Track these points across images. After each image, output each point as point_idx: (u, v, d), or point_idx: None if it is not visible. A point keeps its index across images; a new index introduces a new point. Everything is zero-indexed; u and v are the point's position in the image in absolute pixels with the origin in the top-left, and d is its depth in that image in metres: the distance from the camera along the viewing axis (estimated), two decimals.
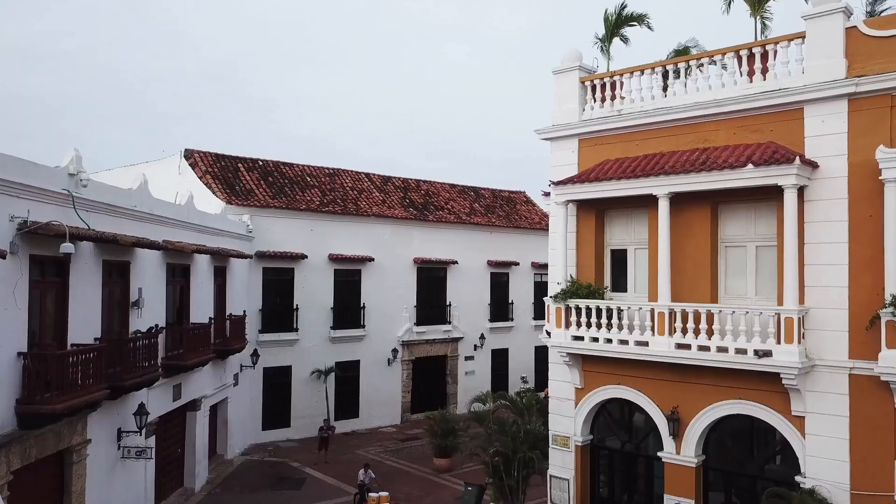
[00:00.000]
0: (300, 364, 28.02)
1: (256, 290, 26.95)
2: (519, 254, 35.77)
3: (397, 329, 31.10)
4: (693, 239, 14.22)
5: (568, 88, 16.26)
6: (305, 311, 28.18)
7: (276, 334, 27.36)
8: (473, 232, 34.21)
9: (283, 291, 27.80)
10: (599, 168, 15.25)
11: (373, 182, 33.57)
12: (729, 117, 13.78)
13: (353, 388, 29.75)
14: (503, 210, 37.32)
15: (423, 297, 32.07)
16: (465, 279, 33.55)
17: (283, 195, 28.89)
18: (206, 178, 27.64)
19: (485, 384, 34.02)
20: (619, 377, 14.96)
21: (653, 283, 14.60)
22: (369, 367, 30.16)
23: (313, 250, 28.40)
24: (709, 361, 13.10)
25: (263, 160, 30.69)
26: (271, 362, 27.23)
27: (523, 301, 35.99)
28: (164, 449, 18.84)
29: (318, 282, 28.59)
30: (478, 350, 34.01)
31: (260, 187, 28.71)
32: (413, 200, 33.66)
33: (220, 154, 29.49)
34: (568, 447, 15.88)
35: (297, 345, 28.00)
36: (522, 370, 35.54)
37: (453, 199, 35.80)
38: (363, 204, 31.11)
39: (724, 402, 13.41)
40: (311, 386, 28.23)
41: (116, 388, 14.32)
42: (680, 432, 13.97)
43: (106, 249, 14.79)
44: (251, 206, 27.11)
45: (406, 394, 31.43)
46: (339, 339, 29.07)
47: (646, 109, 14.86)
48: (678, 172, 13.52)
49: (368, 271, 30.17)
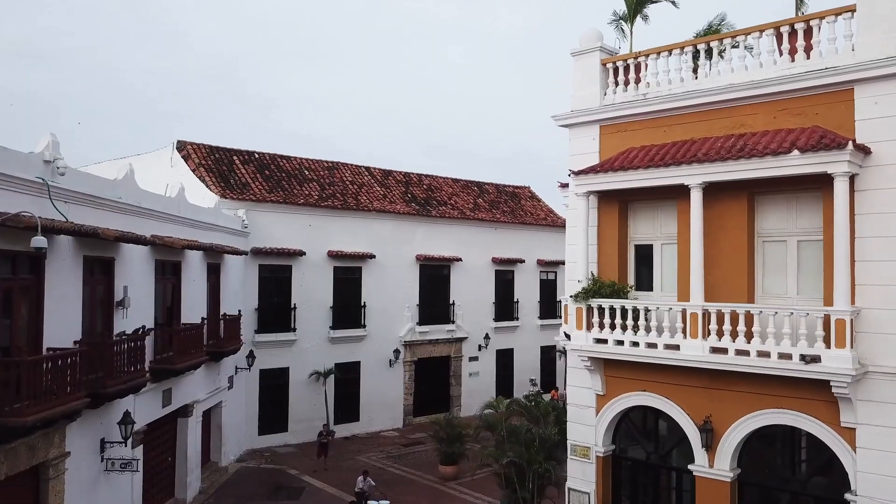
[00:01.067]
0: (298, 366, 26.82)
1: (252, 289, 25.74)
2: (524, 251, 34.60)
3: (399, 329, 29.90)
4: (727, 233, 13.04)
5: (588, 71, 15.05)
6: (304, 310, 26.96)
7: (273, 335, 26.14)
8: (477, 228, 33.02)
9: (280, 290, 26.59)
10: (624, 156, 14.06)
11: (373, 176, 32.35)
12: (768, 100, 12.59)
13: (353, 390, 28.55)
14: (507, 206, 36.13)
15: (426, 295, 30.89)
16: (469, 277, 32.38)
17: (280, 189, 27.66)
18: (199, 171, 26.41)
19: (489, 386, 32.94)
20: (645, 383, 13.78)
21: (682, 282, 13.45)
22: (370, 369, 28.97)
23: (312, 247, 27.19)
24: (748, 367, 11.92)
25: (259, 153, 29.47)
26: (268, 364, 26.02)
27: (529, 300, 34.82)
28: (153, 458, 17.63)
29: (317, 280, 27.39)
30: (482, 350, 32.84)
31: (256, 181, 27.48)
32: (415, 195, 32.45)
33: (215, 146, 28.25)
34: (588, 458, 14.70)
35: (294, 345, 26.79)
36: (528, 371, 34.42)
37: (456, 195, 34.60)
38: (364, 198, 29.89)
39: (764, 411, 12.22)
40: (310, 388, 27.03)
41: (98, 395, 13.11)
42: (713, 444, 12.79)
43: (87, 244, 13.58)
44: (246, 200, 25.88)
45: (408, 396, 30.25)
46: (338, 340, 27.86)
47: (674, 93, 13.66)
48: (713, 160, 12.33)
49: (369, 269, 28.96)
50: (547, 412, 16.75)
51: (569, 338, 14.59)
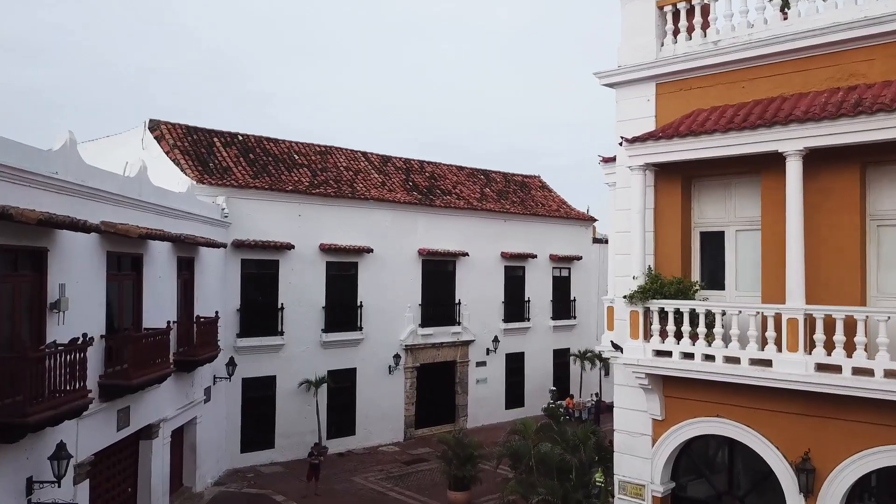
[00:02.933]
0: (286, 374, 23.82)
1: (233, 287, 22.72)
2: (536, 245, 31.65)
3: (400, 331, 26.92)
4: (830, 216, 10.11)
5: (640, 17, 12.07)
6: (292, 311, 23.96)
7: (258, 339, 23.12)
8: (485, 220, 30.03)
9: (265, 288, 23.58)
10: (691, 119, 11.10)
11: (371, 162, 29.32)
12: (888, 40, 9.68)
13: (348, 400, 25.56)
14: (517, 196, 33.14)
15: (429, 294, 27.90)
16: (477, 273, 29.41)
17: (265, 174, 24.63)
18: (173, 154, 23.37)
19: (498, 394, 30.05)
20: (718, 406, 10.84)
21: (768, 278, 10.57)
22: (367, 376, 25.98)
23: (302, 239, 24.18)
24: (872, 391, 8.99)
25: (244, 135, 26.41)
26: (251, 372, 23.01)
27: (541, 298, 31.88)
28: (107, 492, 14.64)
29: (308, 276, 24.38)
30: (490, 354, 29.86)
31: (239, 165, 24.45)
32: (416, 183, 29.44)
33: (193, 126, 25.19)
34: (642, 498, 11.77)
35: (282, 351, 23.79)
36: (540, 377, 31.51)
37: (461, 183, 31.60)
38: (360, 186, 26.88)
39: (887, 447, 9.32)
40: (299, 399, 24.03)
41: (16, 426, 10.11)
42: (814, 488, 9.87)
43: (6, 230, 10.55)
44: (227, 185, 22.85)
45: (410, 406, 27.26)
46: (332, 344, 24.86)
47: (756, 39, 10.71)
48: (819, 119, 9.38)
49: (366, 264, 25.97)
50: (586, 438, 13.75)
51: (619, 349, 11.64)
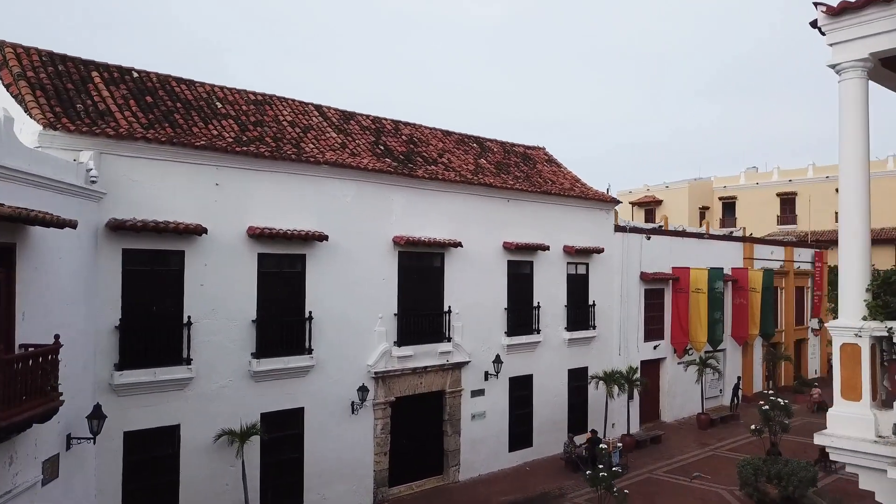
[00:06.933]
0: (196, 422, 15.81)
1: (109, 292, 14.64)
2: (547, 234, 24.10)
3: (367, 353, 19.08)
4: None
5: None
6: (206, 326, 15.98)
7: (151, 371, 15.05)
8: (483, 199, 22.36)
9: (163, 293, 15.53)
10: None
11: (327, 118, 21.35)
12: None
13: (292, 455, 17.62)
14: (520, 170, 25.48)
15: (409, 299, 20.13)
16: (473, 271, 21.74)
17: (167, 124, 16.53)
18: (19, 87, 15.14)
19: (500, 432, 22.47)
20: None
21: None
22: (320, 419, 18.09)
23: (220, 220, 16.23)
24: None
25: (140, 71, 18.19)
26: (140, 422, 14.98)
27: (553, 304, 24.33)
28: None
29: (230, 275, 16.42)
30: (490, 380, 22.20)
31: (126, 109, 16.31)
32: (390, 148, 21.59)
33: (61, 54, 16.89)
34: None
35: (189, 388, 15.76)
36: (552, 406, 24.01)
37: (450, 151, 23.82)
38: (309, 146, 18.93)
39: None
40: (217, 459, 16.04)
41: None
42: None
43: None
44: (100, 136, 14.72)
45: (381, 457, 19.41)
46: (267, 376, 16.92)
47: None
48: None
49: (318, 257, 18.09)
50: None
51: None
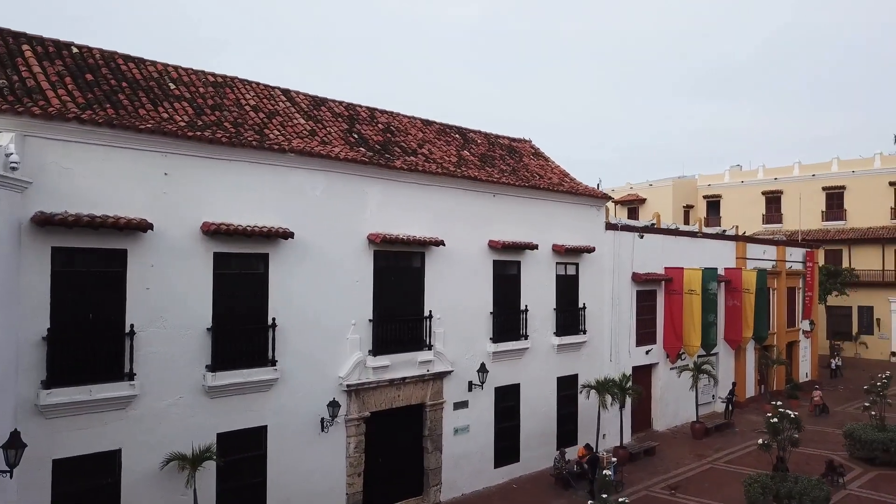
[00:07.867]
0: (140, 446, 13.79)
1: (35, 297, 12.58)
2: (535, 231, 22.36)
3: (339, 364, 17.18)
4: None
5: None
6: (152, 336, 13.96)
7: (84, 389, 12.99)
8: (467, 194, 20.54)
9: (100, 297, 13.49)
10: None
11: (295, 103, 19.37)
12: None
13: (253, 480, 15.66)
14: (506, 163, 23.70)
15: (386, 303, 18.24)
16: (456, 272, 19.93)
17: (108, 105, 14.49)
18: None
19: (485, 447, 20.69)
20: None
21: None
22: (286, 438, 16.14)
23: (169, 215, 14.24)
24: None
25: (82, 46, 16.11)
26: (73, 448, 12.95)
27: (542, 307, 22.60)
28: None
29: (180, 278, 14.42)
30: (475, 390, 20.39)
31: (61, 86, 14.25)
32: (365, 137, 19.68)
33: None
34: None
35: (133, 407, 13.74)
36: (540, 418, 22.32)
37: (430, 142, 21.96)
38: (274, 133, 16.98)
39: None
40: (165, 487, 14.05)
41: None
42: None
43: None
44: (25, 115, 12.65)
45: (355, 478, 17.50)
46: (224, 391, 14.94)
47: None
48: None
49: (283, 257, 16.15)
50: None
51: None
